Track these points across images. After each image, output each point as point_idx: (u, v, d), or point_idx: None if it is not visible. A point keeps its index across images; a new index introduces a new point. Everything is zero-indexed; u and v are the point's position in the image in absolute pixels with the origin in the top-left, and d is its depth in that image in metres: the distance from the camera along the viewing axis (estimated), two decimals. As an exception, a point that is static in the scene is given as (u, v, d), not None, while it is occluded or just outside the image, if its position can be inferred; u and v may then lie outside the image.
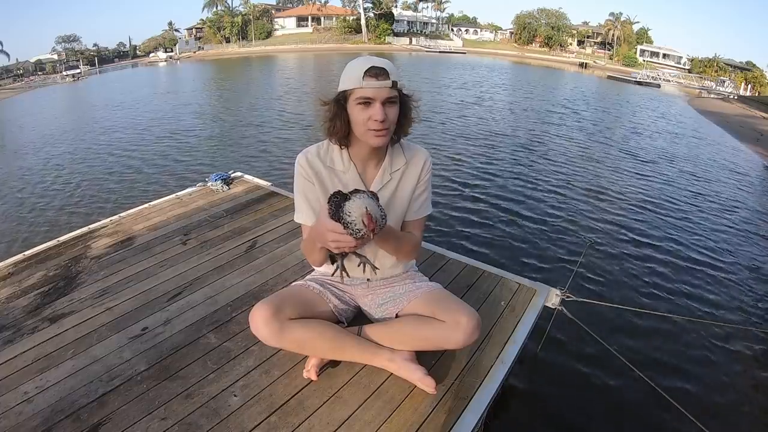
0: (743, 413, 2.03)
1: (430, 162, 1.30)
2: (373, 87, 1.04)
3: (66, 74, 29.72)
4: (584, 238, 3.74)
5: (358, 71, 1.04)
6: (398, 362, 1.27)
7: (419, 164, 1.28)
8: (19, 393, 1.25)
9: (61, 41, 42.03)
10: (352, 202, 0.98)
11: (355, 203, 0.98)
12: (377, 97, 1.05)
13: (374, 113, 1.05)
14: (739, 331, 2.59)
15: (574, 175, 5.70)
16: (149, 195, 4.22)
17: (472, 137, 7.59)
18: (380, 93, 1.04)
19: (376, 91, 1.04)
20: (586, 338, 1.92)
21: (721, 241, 3.99)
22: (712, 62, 38.24)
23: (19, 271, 1.94)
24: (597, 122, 10.50)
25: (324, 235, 1.02)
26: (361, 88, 1.04)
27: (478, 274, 1.90)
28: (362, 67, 1.04)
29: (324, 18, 44.37)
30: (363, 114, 1.07)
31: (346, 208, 0.98)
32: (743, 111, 17.26)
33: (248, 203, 2.64)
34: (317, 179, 1.22)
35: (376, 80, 1.04)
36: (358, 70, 1.05)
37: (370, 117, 1.06)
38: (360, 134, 1.12)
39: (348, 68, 1.08)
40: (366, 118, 1.07)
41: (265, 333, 1.17)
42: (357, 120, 1.09)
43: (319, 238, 1.08)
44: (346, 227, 0.98)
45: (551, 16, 45.38)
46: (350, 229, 0.98)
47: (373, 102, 1.05)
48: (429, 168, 1.30)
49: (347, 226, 0.98)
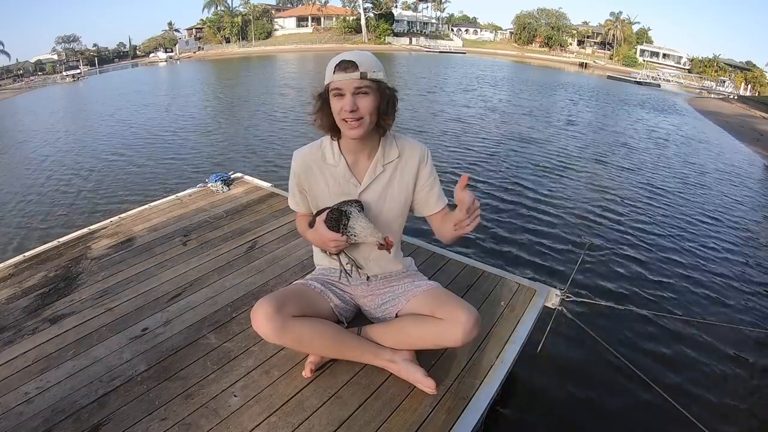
0: (744, 414, 2.03)
1: (428, 154, 1.31)
2: (342, 79, 1.11)
3: (66, 74, 29.72)
4: (584, 238, 3.74)
5: (331, 65, 1.14)
6: (399, 363, 1.28)
7: (415, 158, 1.29)
8: (19, 393, 1.25)
9: (61, 41, 42.10)
10: (354, 221, 1.19)
11: (358, 224, 1.19)
12: (346, 88, 1.11)
13: (344, 103, 1.12)
14: (740, 332, 2.59)
15: (573, 175, 5.70)
16: (149, 196, 4.22)
17: (470, 136, 7.59)
18: (349, 84, 1.11)
19: (345, 83, 1.11)
20: (585, 338, 1.92)
21: (721, 241, 3.99)
22: (712, 62, 38.28)
23: (20, 272, 1.94)
24: (596, 122, 10.51)
25: (326, 244, 1.26)
26: (333, 81, 1.12)
27: (477, 274, 1.91)
28: (335, 62, 1.13)
29: (324, 18, 44.37)
30: (337, 105, 1.14)
31: (349, 228, 1.19)
32: (743, 111, 17.27)
33: (248, 204, 2.64)
34: (309, 174, 1.30)
35: (345, 72, 1.11)
36: (332, 64, 1.14)
37: (342, 107, 1.12)
38: (339, 125, 1.18)
39: (328, 64, 1.16)
40: (339, 109, 1.13)
41: (267, 330, 1.17)
42: (333, 111, 1.16)
43: (320, 245, 1.32)
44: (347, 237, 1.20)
45: (551, 16, 45.41)
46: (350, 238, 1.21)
47: (344, 93, 1.12)
48: (429, 161, 1.31)
49: (349, 238, 1.20)
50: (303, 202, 1.36)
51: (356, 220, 1.19)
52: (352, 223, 1.19)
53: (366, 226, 1.19)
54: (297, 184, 1.32)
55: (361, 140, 1.20)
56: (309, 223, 1.34)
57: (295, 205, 1.39)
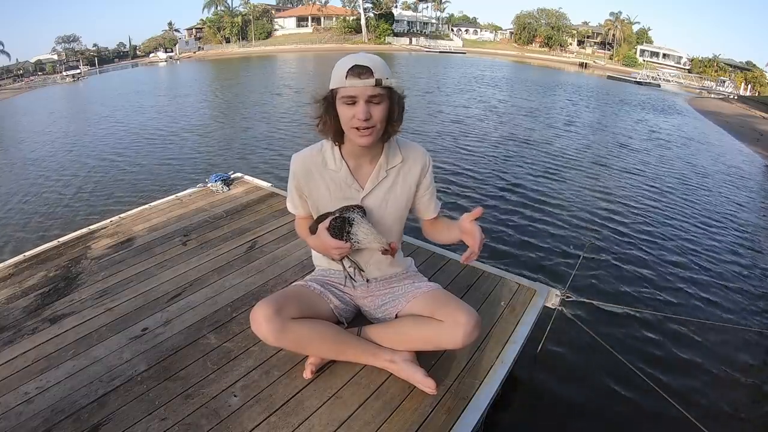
0: (744, 414, 2.03)
1: (430, 162, 1.31)
2: (356, 86, 1.04)
3: (66, 74, 29.74)
4: (584, 238, 3.74)
5: (343, 70, 1.05)
6: (399, 363, 1.27)
7: (418, 164, 1.28)
8: (19, 393, 1.25)
9: (61, 41, 42.09)
10: (357, 228, 1.18)
11: (361, 230, 1.18)
12: (360, 96, 1.05)
13: (357, 112, 1.05)
14: (740, 332, 2.59)
15: (573, 175, 5.69)
16: (149, 196, 4.22)
17: (470, 137, 7.59)
18: (363, 91, 1.04)
19: (359, 90, 1.04)
20: (585, 338, 1.92)
21: (722, 242, 3.99)
22: (712, 62, 38.28)
23: (20, 271, 1.94)
24: (596, 122, 10.51)
25: (329, 251, 1.23)
26: (345, 87, 1.05)
27: (477, 275, 1.91)
28: (346, 66, 1.05)
29: (324, 18, 44.37)
30: (348, 112, 1.07)
31: (352, 235, 1.18)
32: (743, 111, 17.26)
33: (248, 204, 2.64)
34: (309, 178, 1.25)
35: (359, 79, 1.03)
36: (343, 68, 1.05)
37: (354, 115, 1.06)
38: (347, 132, 1.13)
39: (336, 66, 1.08)
40: (351, 116, 1.07)
41: (266, 332, 1.17)
42: (343, 118, 1.10)
43: (322, 252, 1.29)
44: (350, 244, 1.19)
45: (551, 16, 45.41)
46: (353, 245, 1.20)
47: (357, 101, 1.05)
48: (431, 168, 1.31)
49: (353, 245, 1.19)
50: (302, 206, 1.33)
51: (359, 226, 1.17)
52: (355, 230, 1.17)
53: (369, 232, 1.17)
54: (296, 187, 1.28)
55: (366, 146, 1.17)
56: (309, 228, 1.31)
57: (294, 209, 1.36)
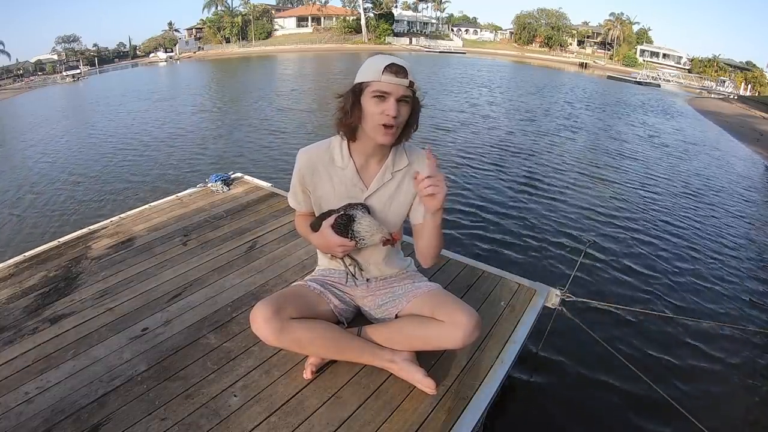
0: (744, 414, 2.04)
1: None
2: (392, 82, 1.06)
3: (66, 74, 29.71)
4: (584, 238, 3.74)
5: (379, 65, 1.07)
6: (399, 363, 1.27)
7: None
8: (19, 393, 1.25)
9: (61, 41, 42.07)
10: (359, 224, 1.19)
11: (362, 225, 1.19)
12: (394, 93, 1.07)
13: (388, 108, 1.07)
14: (739, 332, 2.59)
15: (573, 175, 5.70)
16: (149, 196, 4.22)
17: (470, 137, 7.59)
18: (397, 89, 1.07)
19: (394, 87, 1.07)
20: (585, 338, 1.92)
21: (721, 242, 3.99)
22: (712, 62, 38.26)
23: (20, 271, 1.94)
24: (596, 122, 10.51)
25: (333, 249, 1.23)
26: (379, 82, 1.07)
27: (477, 274, 1.91)
28: (383, 62, 1.07)
29: (324, 18, 44.35)
30: (377, 108, 1.08)
31: (356, 232, 1.19)
32: (743, 111, 17.26)
33: (248, 204, 2.64)
34: (315, 174, 1.25)
35: (396, 77, 1.06)
36: (379, 64, 1.07)
37: (383, 111, 1.08)
38: (370, 128, 1.13)
39: (368, 62, 1.11)
40: (379, 112, 1.08)
41: (266, 332, 1.17)
42: (370, 113, 1.10)
43: (326, 250, 1.29)
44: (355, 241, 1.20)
45: (551, 16, 45.39)
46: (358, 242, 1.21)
47: (389, 97, 1.07)
48: None
49: (357, 242, 1.21)
50: (305, 202, 1.32)
51: (361, 220, 1.20)
52: (357, 226, 1.19)
53: (371, 224, 1.19)
54: (300, 183, 1.28)
55: (380, 145, 1.18)
56: (311, 225, 1.31)
57: (296, 204, 1.35)
